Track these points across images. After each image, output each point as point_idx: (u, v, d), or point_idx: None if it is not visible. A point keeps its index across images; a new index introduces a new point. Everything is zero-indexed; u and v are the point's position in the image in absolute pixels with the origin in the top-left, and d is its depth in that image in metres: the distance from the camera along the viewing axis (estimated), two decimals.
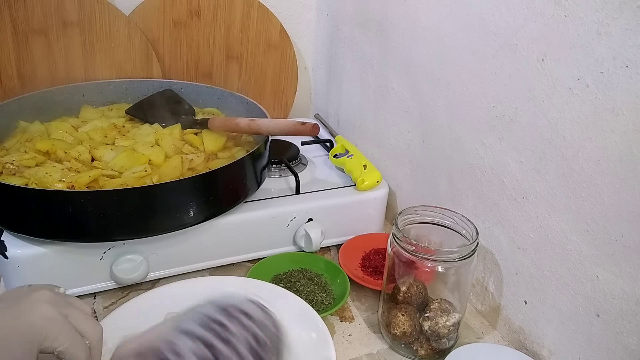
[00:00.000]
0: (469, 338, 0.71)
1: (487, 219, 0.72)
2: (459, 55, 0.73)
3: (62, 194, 0.64)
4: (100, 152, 0.79)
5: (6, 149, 0.79)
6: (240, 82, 1.12)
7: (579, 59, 0.55)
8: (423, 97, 0.83)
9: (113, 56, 0.98)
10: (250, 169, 0.76)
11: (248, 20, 1.07)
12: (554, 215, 0.61)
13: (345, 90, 1.10)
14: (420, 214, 0.69)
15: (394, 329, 0.66)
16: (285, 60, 1.14)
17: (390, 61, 0.91)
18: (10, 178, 0.70)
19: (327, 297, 0.73)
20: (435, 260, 0.63)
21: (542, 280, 0.64)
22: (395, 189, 0.95)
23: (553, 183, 0.61)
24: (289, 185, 0.87)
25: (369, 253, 0.84)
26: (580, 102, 0.55)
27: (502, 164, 0.68)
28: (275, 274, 0.77)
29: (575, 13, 0.54)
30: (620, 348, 0.55)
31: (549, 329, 0.64)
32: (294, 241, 0.83)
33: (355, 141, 1.03)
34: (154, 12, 1.00)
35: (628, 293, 0.53)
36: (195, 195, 0.69)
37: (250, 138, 0.87)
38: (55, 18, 0.92)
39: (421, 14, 0.80)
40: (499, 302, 0.72)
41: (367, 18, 0.96)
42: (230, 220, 0.76)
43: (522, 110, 0.63)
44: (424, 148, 0.85)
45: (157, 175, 0.75)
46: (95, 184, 0.72)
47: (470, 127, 0.73)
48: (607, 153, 0.53)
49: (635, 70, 0.49)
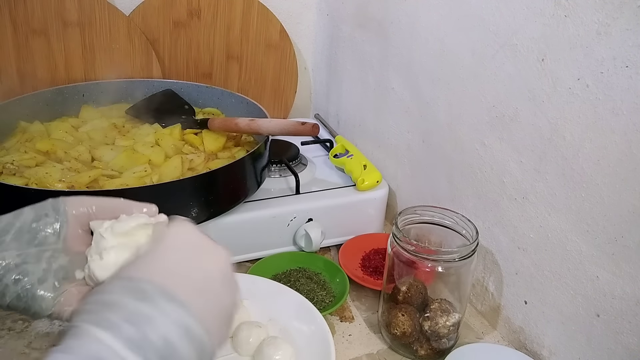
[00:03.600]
0: (469, 338, 0.71)
1: (487, 219, 0.72)
2: (459, 55, 0.73)
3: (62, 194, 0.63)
4: (100, 152, 0.79)
5: (6, 149, 0.79)
6: (240, 82, 1.12)
7: (579, 59, 0.55)
8: (423, 97, 0.83)
9: (113, 56, 0.98)
10: (250, 169, 0.76)
11: (248, 20, 1.07)
12: (554, 215, 0.61)
13: (345, 90, 1.10)
14: (420, 214, 0.69)
15: (394, 329, 0.66)
16: (285, 60, 1.14)
17: (390, 61, 0.91)
18: (10, 178, 0.70)
19: (327, 296, 0.73)
20: (435, 260, 0.63)
21: (542, 280, 0.64)
22: (395, 189, 0.95)
23: (553, 183, 0.61)
24: (289, 185, 0.87)
25: (369, 253, 0.84)
26: (580, 102, 0.55)
27: (502, 164, 0.68)
28: (274, 274, 0.77)
29: (575, 13, 0.54)
30: (620, 348, 0.55)
31: (549, 329, 0.64)
32: (294, 241, 0.83)
33: (355, 141, 1.03)
34: (154, 12, 1.01)
35: (628, 293, 0.53)
36: (195, 195, 0.69)
37: (250, 138, 0.87)
38: (55, 18, 0.92)
39: (421, 14, 0.80)
40: (499, 302, 0.72)
41: (367, 18, 0.96)
42: (230, 220, 0.76)
43: (522, 110, 0.63)
44: (424, 148, 0.85)
45: (157, 175, 0.75)
46: (95, 184, 0.72)
47: (470, 127, 0.73)
48: (607, 153, 0.53)
49: (635, 70, 0.49)
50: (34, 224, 0.43)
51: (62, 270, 0.43)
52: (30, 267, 0.41)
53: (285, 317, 0.64)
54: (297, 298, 0.66)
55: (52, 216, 0.44)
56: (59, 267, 0.43)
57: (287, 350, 0.58)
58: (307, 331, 0.62)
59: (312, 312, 0.63)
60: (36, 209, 0.44)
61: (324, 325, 0.61)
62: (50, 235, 0.44)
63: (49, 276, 0.42)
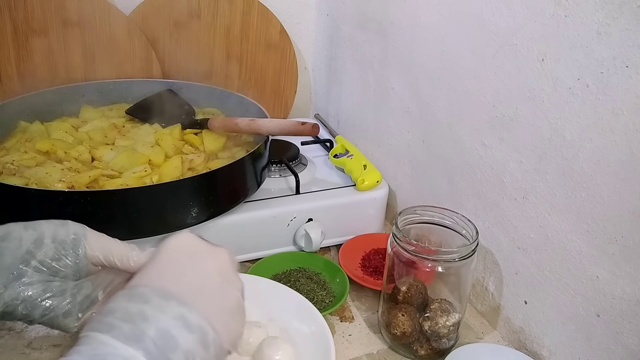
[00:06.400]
0: (469, 338, 0.71)
1: (487, 219, 0.72)
2: (459, 55, 0.73)
3: (62, 194, 0.64)
4: (100, 152, 0.79)
5: (6, 149, 0.79)
6: (240, 82, 1.12)
7: (579, 59, 0.55)
8: (423, 97, 0.83)
9: (113, 56, 0.98)
10: (250, 169, 0.76)
11: (248, 20, 1.07)
12: (554, 215, 0.61)
13: (345, 90, 1.10)
14: (420, 214, 0.69)
15: (394, 329, 0.66)
16: (285, 60, 1.14)
17: (390, 61, 0.91)
18: (10, 178, 0.70)
19: (327, 296, 0.73)
20: (435, 260, 0.63)
21: (542, 280, 0.64)
22: (395, 189, 0.95)
23: (553, 183, 0.61)
24: (289, 185, 0.87)
25: (369, 253, 0.84)
26: (580, 102, 0.55)
27: (502, 164, 0.68)
28: (274, 274, 0.77)
29: (575, 13, 0.54)
30: (620, 348, 0.55)
31: (549, 329, 0.64)
32: (294, 241, 0.83)
33: (355, 141, 1.03)
34: (154, 12, 1.00)
35: (628, 293, 0.53)
36: (195, 195, 0.69)
37: (250, 138, 0.87)
38: (55, 18, 0.92)
39: (421, 14, 0.80)
40: (499, 302, 0.72)
41: (367, 18, 0.96)
42: (230, 220, 0.76)
43: (522, 110, 0.63)
44: (424, 148, 0.85)
45: (157, 175, 0.75)
46: (95, 184, 0.72)
47: (470, 127, 0.73)
48: (607, 153, 0.53)
49: (635, 70, 0.49)
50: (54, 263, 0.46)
51: (87, 300, 0.47)
52: (55, 301, 0.45)
53: (285, 317, 0.64)
54: (297, 298, 0.66)
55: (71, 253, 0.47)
56: (84, 298, 0.47)
57: (287, 350, 0.58)
58: (307, 331, 0.62)
59: (312, 312, 0.63)
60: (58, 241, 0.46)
61: (324, 325, 0.61)
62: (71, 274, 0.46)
63: (74, 310, 0.46)
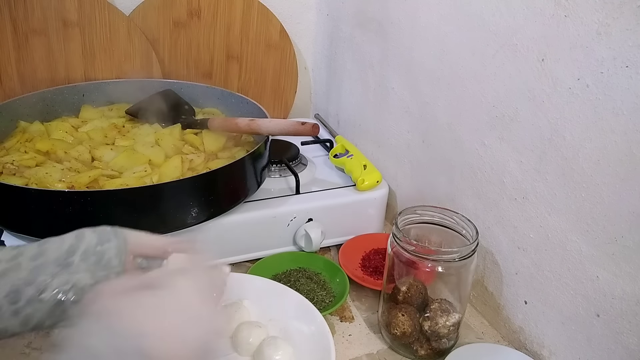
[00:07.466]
0: (469, 338, 0.71)
1: (487, 219, 0.72)
2: (459, 55, 0.73)
3: (62, 194, 0.64)
4: (100, 152, 0.79)
5: (6, 149, 0.79)
6: (240, 82, 1.12)
7: (579, 59, 0.55)
8: (423, 97, 0.83)
9: (113, 56, 0.98)
10: (250, 169, 0.76)
11: (248, 20, 1.07)
12: (554, 215, 0.61)
13: (345, 90, 1.10)
14: (420, 214, 0.69)
15: (394, 329, 0.66)
16: (285, 60, 1.14)
17: (390, 61, 0.91)
18: (10, 178, 0.70)
19: (327, 296, 0.73)
20: (435, 260, 0.63)
21: (542, 280, 0.64)
22: (395, 189, 0.95)
23: (553, 183, 0.61)
24: (289, 185, 0.87)
25: (369, 253, 0.84)
26: (580, 102, 0.55)
27: (502, 164, 0.68)
28: (274, 274, 0.77)
29: (575, 13, 0.54)
30: (620, 348, 0.55)
31: (549, 329, 0.64)
32: (294, 241, 0.83)
33: (355, 141, 1.03)
34: (154, 12, 1.01)
35: (628, 293, 0.53)
36: (195, 195, 0.69)
37: (250, 138, 0.87)
38: (55, 18, 0.92)
39: (421, 14, 0.80)
40: (499, 302, 0.72)
41: (367, 18, 0.96)
42: (230, 220, 0.76)
43: (522, 110, 0.63)
44: (424, 148, 0.85)
45: (157, 175, 0.75)
46: (95, 184, 0.72)
47: (470, 127, 0.73)
48: (607, 153, 0.53)
49: (635, 70, 0.49)
50: (98, 247, 0.46)
51: None
52: None
53: (285, 317, 0.64)
54: (297, 298, 0.66)
55: (114, 241, 0.47)
56: None
57: (287, 350, 0.58)
58: (307, 331, 0.62)
59: (312, 312, 0.63)
60: (98, 232, 0.47)
61: (324, 325, 0.61)
62: (114, 259, 0.46)
63: None
